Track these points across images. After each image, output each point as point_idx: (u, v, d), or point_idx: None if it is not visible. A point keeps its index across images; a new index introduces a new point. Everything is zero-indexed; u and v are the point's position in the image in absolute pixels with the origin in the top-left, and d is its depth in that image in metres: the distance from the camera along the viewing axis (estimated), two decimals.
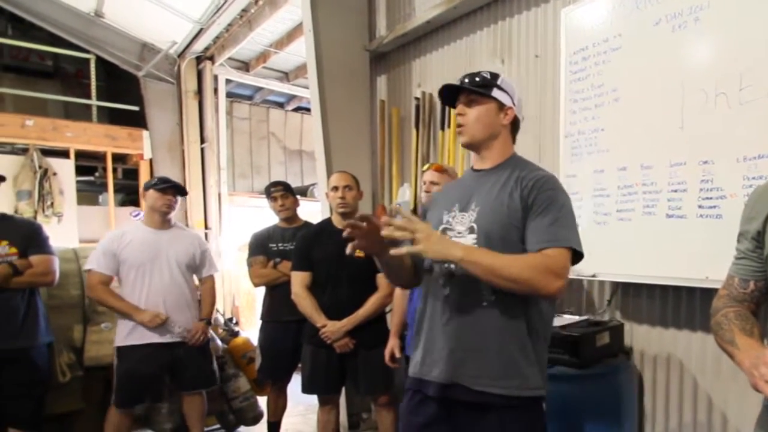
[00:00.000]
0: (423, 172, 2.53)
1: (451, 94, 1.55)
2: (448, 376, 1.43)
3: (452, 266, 1.43)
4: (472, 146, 1.53)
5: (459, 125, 1.51)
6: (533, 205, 1.39)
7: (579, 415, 1.97)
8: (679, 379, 2.08)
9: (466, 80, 1.50)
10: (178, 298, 2.81)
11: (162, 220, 2.83)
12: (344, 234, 1.41)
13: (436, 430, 1.48)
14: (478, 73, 1.52)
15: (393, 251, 1.32)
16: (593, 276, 2.18)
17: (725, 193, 1.82)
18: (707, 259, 1.82)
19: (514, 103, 1.52)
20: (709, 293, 1.88)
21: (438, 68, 3.21)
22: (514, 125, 1.55)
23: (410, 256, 1.56)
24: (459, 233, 1.45)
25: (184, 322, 2.81)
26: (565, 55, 2.36)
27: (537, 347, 1.43)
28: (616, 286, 2.28)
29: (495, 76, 1.52)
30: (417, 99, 3.25)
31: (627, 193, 2.10)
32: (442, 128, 3.09)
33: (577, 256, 1.41)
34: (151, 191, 2.79)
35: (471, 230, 1.44)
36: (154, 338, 2.71)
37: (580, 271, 2.21)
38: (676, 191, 1.95)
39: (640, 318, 2.22)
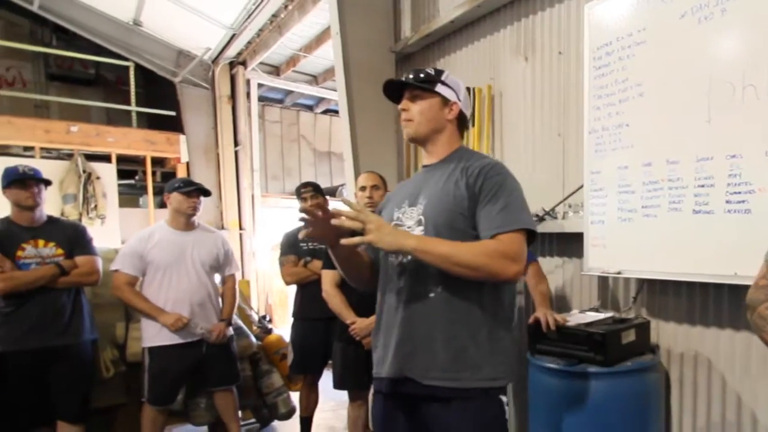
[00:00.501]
0: None
1: (395, 91, 1.56)
2: (398, 371, 1.43)
3: (404, 260, 1.44)
4: (417, 140, 1.54)
5: (404, 120, 1.53)
6: (481, 193, 1.39)
7: (605, 414, 1.94)
8: (706, 378, 2.04)
9: (411, 76, 1.52)
10: (203, 298, 2.86)
11: (187, 222, 2.88)
12: (299, 219, 1.42)
13: (395, 426, 1.48)
14: (422, 70, 1.54)
15: (343, 240, 1.32)
16: (618, 273, 2.16)
17: (754, 187, 1.77)
18: (736, 255, 1.78)
19: (459, 99, 1.53)
20: (737, 290, 1.86)
21: (462, 68, 3.21)
22: (461, 120, 1.57)
23: (368, 253, 1.59)
24: (408, 227, 1.46)
25: (208, 321, 2.87)
26: (589, 50, 2.33)
27: (494, 336, 1.40)
28: (642, 283, 2.25)
29: (439, 73, 1.53)
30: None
31: (652, 189, 2.07)
32: (467, 127, 3.10)
33: (531, 237, 1.40)
34: (175, 194, 2.82)
35: (419, 222, 1.45)
36: (182, 338, 2.77)
37: (604, 268, 2.20)
38: (703, 186, 1.91)
39: (666, 315, 2.18)
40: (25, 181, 2.48)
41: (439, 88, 1.50)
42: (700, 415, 2.07)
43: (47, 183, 2.62)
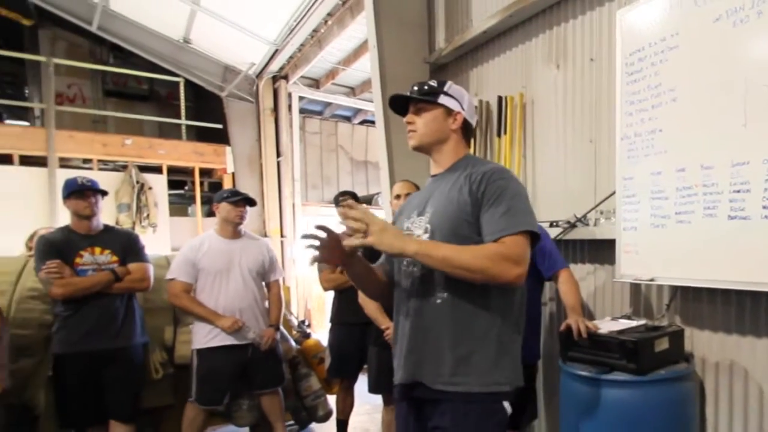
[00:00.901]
0: None
1: (401, 104, 1.58)
2: (409, 376, 1.46)
3: (413, 268, 1.47)
4: (422, 149, 1.57)
5: (408, 131, 1.56)
6: (484, 197, 1.40)
7: (637, 423, 1.90)
8: (743, 387, 1.97)
9: (415, 88, 1.55)
10: (251, 303, 2.97)
11: (234, 230, 3.01)
12: (304, 246, 1.44)
13: (411, 427, 1.52)
14: (425, 83, 1.57)
15: (345, 242, 1.35)
16: (651, 280, 2.12)
17: None
18: None
19: (463, 108, 1.55)
20: None
21: (494, 77, 3.25)
22: (466, 129, 1.58)
23: (383, 271, 1.61)
24: (417, 237, 1.48)
25: (256, 325, 2.97)
26: (621, 56, 2.32)
27: (501, 341, 1.41)
28: (675, 290, 2.20)
29: (442, 84, 1.56)
30: (474, 107, 3.30)
31: (686, 194, 2.04)
32: (499, 135, 3.13)
33: (534, 240, 1.40)
34: (224, 204, 2.94)
35: (425, 230, 1.47)
36: (230, 341, 2.87)
37: (637, 275, 2.18)
38: (738, 192, 1.87)
39: (700, 323, 2.13)
40: (83, 192, 2.59)
41: (442, 99, 1.52)
42: (736, 426, 2.01)
43: (104, 193, 2.73)
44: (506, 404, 1.42)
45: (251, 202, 3.05)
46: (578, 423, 2.03)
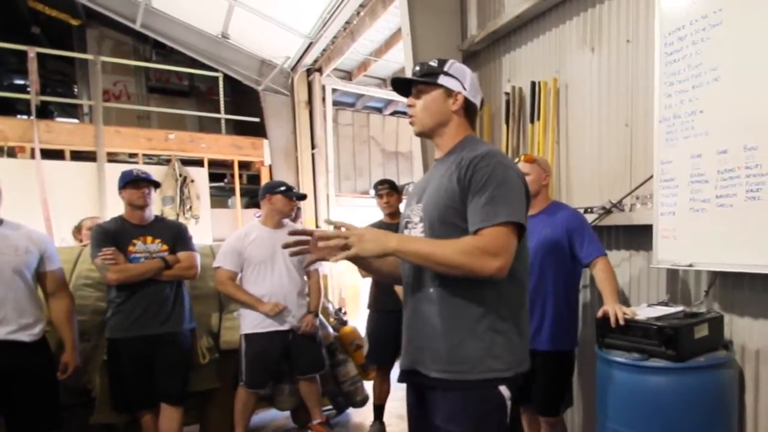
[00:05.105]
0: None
1: (406, 88, 1.53)
2: (410, 363, 1.48)
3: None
4: (424, 134, 1.53)
5: (409, 116, 1.52)
6: (470, 185, 1.36)
7: (675, 409, 1.87)
8: None
9: (417, 69, 1.51)
10: (293, 290, 3.10)
11: (279, 221, 3.14)
12: (290, 252, 1.50)
13: (417, 413, 1.55)
14: (425, 63, 1.51)
15: (331, 259, 1.39)
16: (690, 266, 2.07)
17: None
18: None
19: (465, 88, 1.49)
20: None
21: (527, 62, 3.20)
22: (468, 109, 1.52)
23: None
24: (414, 225, 1.48)
25: (298, 311, 3.11)
26: (660, 36, 2.25)
27: (495, 328, 1.38)
28: (714, 276, 2.15)
29: (442, 63, 1.49)
30: (507, 94, 3.27)
31: (728, 177, 1.97)
32: (532, 121, 3.09)
33: (521, 229, 1.36)
34: (279, 196, 3.08)
35: (421, 219, 1.46)
36: (275, 326, 3.02)
37: (675, 261, 2.13)
38: None
39: (741, 310, 2.07)
40: (138, 183, 2.71)
41: (442, 79, 1.47)
42: None
43: (156, 185, 2.86)
44: (503, 389, 1.40)
45: (303, 197, 3.23)
46: (615, 410, 2.01)
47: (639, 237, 2.46)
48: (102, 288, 2.85)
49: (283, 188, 3.13)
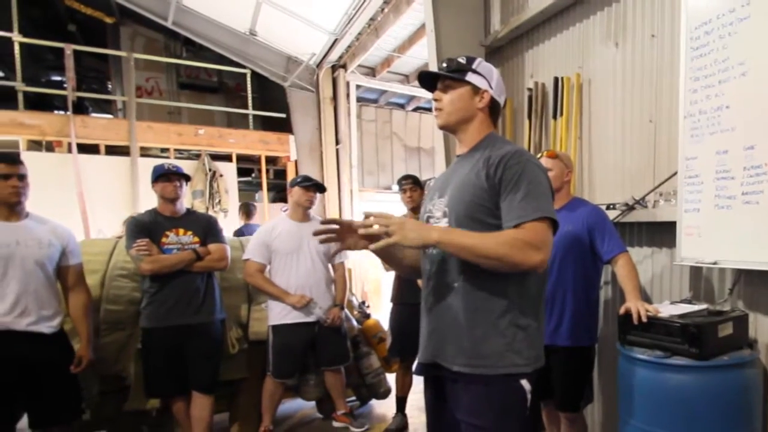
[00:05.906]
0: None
1: (431, 82, 1.56)
2: (430, 357, 1.49)
3: (432, 251, 1.48)
4: (447, 128, 1.55)
5: (435, 109, 1.54)
6: (502, 183, 1.38)
7: (698, 408, 1.85)
8: None
9: (444, 65, 1.53)
10: (319, 282, 3.17)
11: (304, 214, 3.21)
12: (320, 240, 1.51)
13: (436, 406, 1.57)
14: (453, 59, 1.53)
15: (371, 246, 1.39)
16: (714, 263, 2.05)
17: None
18: None
19: (491, 86, 1.52)
20: None
21: (550, 57, 3.18)
22: (493, 108, 1.55)
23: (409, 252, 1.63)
24: (437, 219, 1.49)
25: (323, 303, 3.17)
26: (686, 31, 2.22)
27: (517, 323, 1.40)
28: (739, 274, 2.12)
29: (471, 61, 1.52)
30: (529, 89, 3.26)
31: (755, 173, 1.94)
32: (554, 117, 3.08)
33: (555, 225, 1.38)
34: (296, 188, 3.16)
35: (444, 214, 1.47)
36: (301, 318, 3.09)
37: (699, 258, 2.11)
38: None
39: (766, 308, 2.04)
40: (169, 176, 2.78)
41: (470, 76, 1.50)
42: None
43: (187, 178, 2.93)
44: (524, 382, 1.42)
45: (321, 188, 3.25)
46: (637, 407, 2.00)
47: (662, 234, 2.44)
48: (137, 279, 2.94)
49: (299, 180, 3.21)
